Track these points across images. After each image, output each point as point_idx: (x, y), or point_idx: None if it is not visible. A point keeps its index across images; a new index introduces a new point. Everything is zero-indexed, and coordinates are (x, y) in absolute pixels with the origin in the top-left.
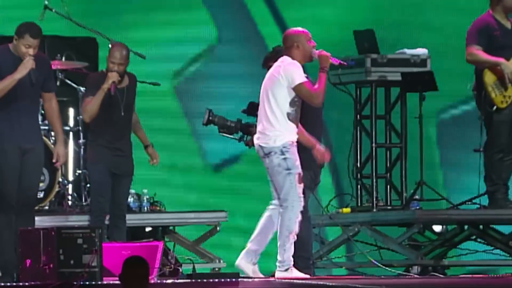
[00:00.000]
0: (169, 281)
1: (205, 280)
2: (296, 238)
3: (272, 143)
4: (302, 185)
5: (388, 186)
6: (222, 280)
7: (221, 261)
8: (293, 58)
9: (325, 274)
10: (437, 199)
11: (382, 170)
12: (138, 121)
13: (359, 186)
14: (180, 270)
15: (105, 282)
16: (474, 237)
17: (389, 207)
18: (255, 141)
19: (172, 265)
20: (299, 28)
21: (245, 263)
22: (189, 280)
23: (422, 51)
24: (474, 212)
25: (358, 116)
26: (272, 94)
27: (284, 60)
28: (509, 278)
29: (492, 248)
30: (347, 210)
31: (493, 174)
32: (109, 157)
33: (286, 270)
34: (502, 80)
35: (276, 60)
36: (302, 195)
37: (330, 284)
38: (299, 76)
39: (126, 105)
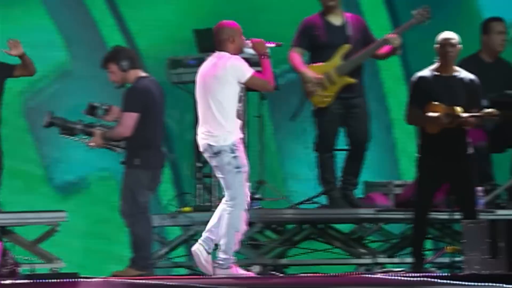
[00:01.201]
0: (8, 282)
1: (44, 280)
2: (138, 238)
3: (222, 142)
4: (248, 184)
5: None
6: (61, 280)
7: (61, 262)
8: (226, 51)
9: (165, 274)
10: (278, 198)
11: None
12: None
13: (199, 185)
14: (19, 271)
15: None
16: (313, 236)
17: None
18: (202, 141)
19: (11, 266)
20: (233, 22)
21: (202, 250)
22: (28, 281)
23: None
24: (313, 211)
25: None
26: (218, 93)
27: (224, 57)
28: (348, 277)
29: (332, 247)
30: (187, 209)
31: (326, 173)
32: None
33: (227, 268)
34: (320, 80)
35: (116, 60)
36: (249, 194)
37: (170, 284)
38: (246, 69)
39: None
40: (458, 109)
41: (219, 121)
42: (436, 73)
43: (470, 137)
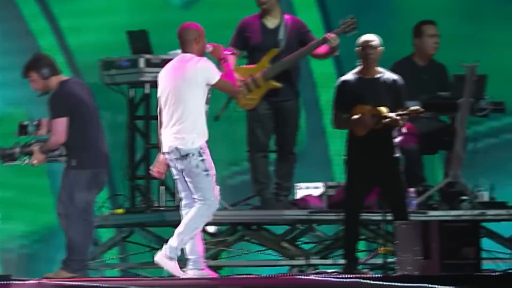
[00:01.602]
0: None
1: None
2: (73, 240)
3: (190, 145)
4: (217, 187)
5: (162, 187)
6: None
7: None
8: (191, 52)
9: (98, 276)
10: None
11: None
12: None
13: (133, 187)
14: None
15: None
16: (247, 237)
17: (162, 208)
18: (169, 143)
19: None
20: (198, 24)
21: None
22: None
23: None
24: (246, 213)
25: (132, 116)
26: (187, 95)
27: (192, 58)
28: (281, 278)
29: (265, 248)
30: (120, 211)
31: (257, 174)
32: None
33: (170, 259)
34: (246, 83)
35: (36, 68)
36: (217, 195)
37: (103, 285)
38: (216, 72)
39: None
40: (383, 109)
41: (188, 123)
42: (359, 75)
43: (401, 140)
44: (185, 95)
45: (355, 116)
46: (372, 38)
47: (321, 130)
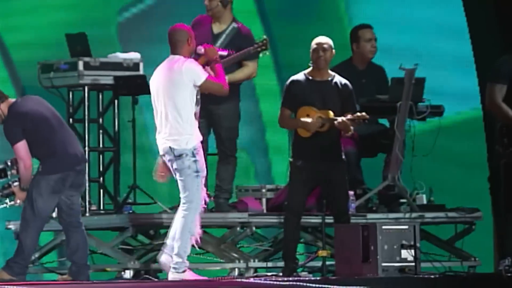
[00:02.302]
0: None
1: None
2: (22, 244)
3: (184, 145)
4: (205, 189)
5: (101, 190)
6: None
7: None
8: (181, 54)
9: (37, 280)
10: (151, 203)
11: (95, 174)
12: None
13: None
14: None
15: None
16: None
17: (102, 212)
18: (163, 144)
19: None
20: (188, 26)
21: (170, 258)
22: None
23: (134, 55)
24: None
25: (71, 119)
26: (176, 97)
27: (179, 60)
28: (220, 282)
29: (204, 251)
30: None
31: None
32: None
33: (182, 272)
34: None
35: None
36: (203, 198)
37: None
38: (202, 73)
39: None
40: (330, 113)
41: (179, 124)
42: (309, 77)
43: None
44: (174, 97)
45: (303, 118)
46: (325, 41)
47: (261, 131)
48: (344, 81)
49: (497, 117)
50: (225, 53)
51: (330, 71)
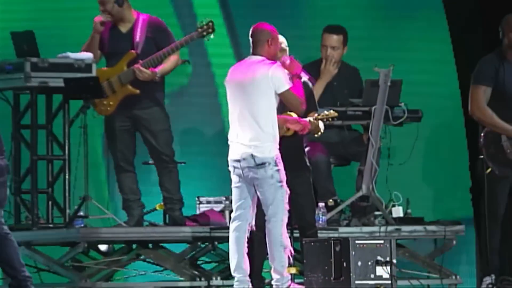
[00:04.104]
0: None
1: None
2: None
3: (268, 153)
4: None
5: (50, 202)
6: None
7: None
8: (261, 54)
9: None
10: (104, 216)
11: (43, 185)
12: None
13: (17, 202)
14: None
15: None
16: (143, 256)
17: (50, 225)
18: (242, 149)
19: None
20: (271, 25)
21: None
22: None
23: (86, 55)
24: (142, 230)
25: (17, 125)
26: (260, 100)
27: (262, 61)
28: None
29: (162, 268)
30: None
31: (121, 191)
32: None
33: (288, 287)
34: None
35: None
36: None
37: None
38: (286, 82)
39: None
40: (293, 115)
41: (262, 130)
42: None
43: (309, 151)
44: (257, 100)
45: None
46: (281, 40)
47: (223, 137)
48: (303, 79)
49: (482, 122)
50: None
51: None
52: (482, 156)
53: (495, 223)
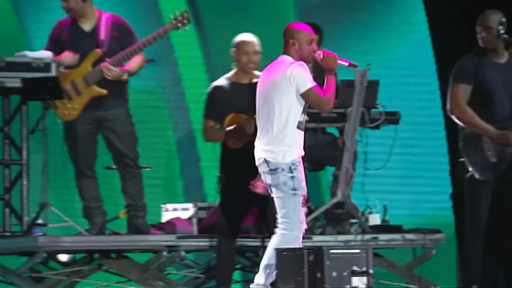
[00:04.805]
0: None
1: None
2: None
3: (281, 159)
4: (305, 208)
5: (7, 209)
6: None
7: None
8: (289, 55)
9: None
10: (64, 224)
11: (0, 191)
12: None
13: None
14: None
15: None
16: (105, 267)
17: (7, 234)
18: (259, 153)
19: None
20: (303, 25)
21: None
22: None
23: (46, 54)
24: (104, 238)
25: None
26: (279, 102)
27: (286, 61)
28: None
29: (126, 279)
30: None
31: (82, 199)
32: None
33: None
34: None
35: None
36: (304, 219)
37: None
38: (308, 80)
39: None
40: (242, 116)
41: (277, 133)
42: (233, 81)
43: None
44: (275, 102)
45: (230, 128)
46: (254, 40)
47: (191, 142)
48: None
49: (461, 122)
50: (345, 63)
51: (256, 72)
52: (462, 159)
53: (477, 231)
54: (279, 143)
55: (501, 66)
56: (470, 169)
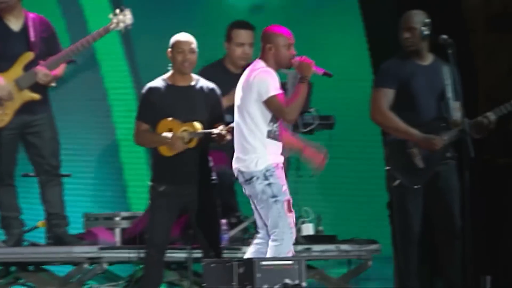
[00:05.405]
0: None
1: None
2: None
3: (253, 167)
4: (292, 213)
5: None
6: None
7: None
8: (265, 61)
9: None
10: None
11: None
12: None
13: None
14: None
15: None
16: (22, 280)
17: None
18: (234, 163)
19: None
20: (282, 28)
21: None
22: None
23: None
24: (20, 250)
25: None
26: (246, 109)
27: (255, 66)
28: None
29: None
30: None
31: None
32: None
33: None
34: None
35: None
36: (293, 226)
37: None
38: (271, 88)
39: None
40: (197, 125)
41: (247, 142)
42: (169, 82)
43: (212, 161)
44: (243, 109)
45: (165, 133)
46: (191, 39)
47: (114, 149)
48: (210, 85)
49: (383, 127)
50: (320, 72)
51: (193, 75)
52: (388, 168)
53: (409, 244)
54: (250, 152)
55: (426, 68)
56: (398, 176)
